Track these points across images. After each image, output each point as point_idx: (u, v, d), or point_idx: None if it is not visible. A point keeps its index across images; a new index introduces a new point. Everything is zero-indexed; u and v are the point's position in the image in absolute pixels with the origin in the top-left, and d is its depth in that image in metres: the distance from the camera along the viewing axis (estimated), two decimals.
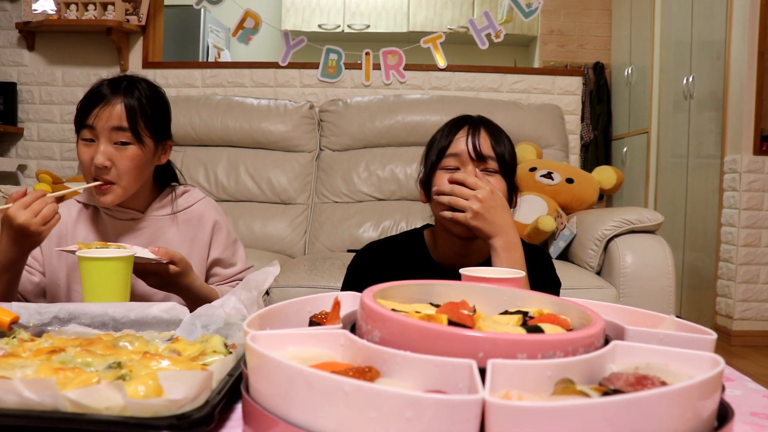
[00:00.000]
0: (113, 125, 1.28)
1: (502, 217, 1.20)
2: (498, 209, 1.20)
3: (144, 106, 1.31)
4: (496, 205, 1.19)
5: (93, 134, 1.28)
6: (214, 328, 0.85)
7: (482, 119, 1.33)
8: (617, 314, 0.75)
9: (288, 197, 3.02)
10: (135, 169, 1.31)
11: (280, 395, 0.52)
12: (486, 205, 1.18)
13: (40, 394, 0.55)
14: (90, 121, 1.27)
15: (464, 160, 1.27)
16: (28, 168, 3.67)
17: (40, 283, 1.37)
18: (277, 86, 3.55)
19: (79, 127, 1.30)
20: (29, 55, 3.66)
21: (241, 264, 1.49)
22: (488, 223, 1.19)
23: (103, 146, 1.27)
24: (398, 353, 0.54)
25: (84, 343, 0.76)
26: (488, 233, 1.20)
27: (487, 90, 3.52)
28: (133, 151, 1.30)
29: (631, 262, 2.23)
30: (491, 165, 1.26)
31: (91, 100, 1.29)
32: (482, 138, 1.27)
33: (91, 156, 1.28)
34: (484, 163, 1.26)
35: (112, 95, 1.29)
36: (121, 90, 1.30)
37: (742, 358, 3.16)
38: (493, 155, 1.26)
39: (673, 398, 0.47)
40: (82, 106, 1.30)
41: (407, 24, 5.90)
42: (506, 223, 1.20)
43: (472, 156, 1.26)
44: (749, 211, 3.39)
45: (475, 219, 1.19)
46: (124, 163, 1.29)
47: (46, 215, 1.12)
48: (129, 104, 1.29)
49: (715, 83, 3.65)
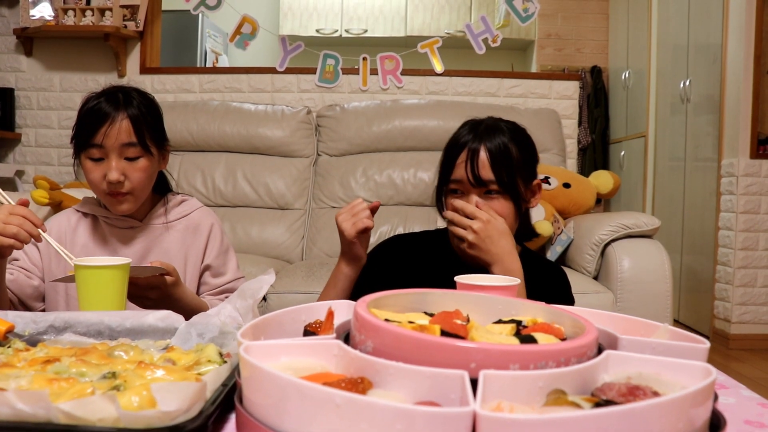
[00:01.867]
0: (123, 142, 1.29)
1: (499, 245, 1.21)
2: (494, 238, 1.21)
3: (145, 116, 1.33)
4: (491, 234, 1.21)
5: (102, 153, 1.29)
6: (209, 336, 0.85)
7: (486, 130, 1.30)
8: (611, 322, 0.75)
9: (285, 202, 3.03)
10: (146, 179, 1.35)
11: (273, 406, 0.52)
12: (481, 235, 1.21)
13: (33, 406, 0.55)
14: (98, 140, 1.28)
15: (466, 187, 1.28)
16: (26, 173, 3.67)
17: (39, 287, 1.38)
18: (274, 91, 3.55)
19: (84, 146, 1.30)
20: (27, 60, 3.67)
21: (231, 274, 1.49)
22: (484, 252, 1.21)
23: (115, 162, 1.29)
24: (390, 364, 0.54)
25: (79, 353, 0.77)
26: (485, 261, 1.22)
27: (484, 95, 3.52)
28: (144, 163, 1.33)
29: (628, 266, 2.23)
30: (492, 187, 1.26)
31: (95, 118, 1.29)
32: (481, 161, 1.26)
33: (102, 174, 1.30)
34: (485, 187, 1.26)
35: (116, 111, 1.29)
36: (121, 104, 1.31)
37: (739, 361, 3.17)
38: (493, 178, 1.25)
39: (664, 409, 0.47)
40: (84, 125, 1.30)
41: (405, 28, 5.92)
42: (503, 251, 1.21)
43: (472, 183, 1.26)
44: (746, 214, 3.39)
45: (471, 248, 1.22)
46: (137, 175, 1.32)
47: (6, 229, 1.09)
48: (133, 117, 1.31)
49: (711, 87, 3.66)
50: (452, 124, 3.03)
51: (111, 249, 1.39)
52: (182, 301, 1.26)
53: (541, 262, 1.40)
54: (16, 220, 1.10)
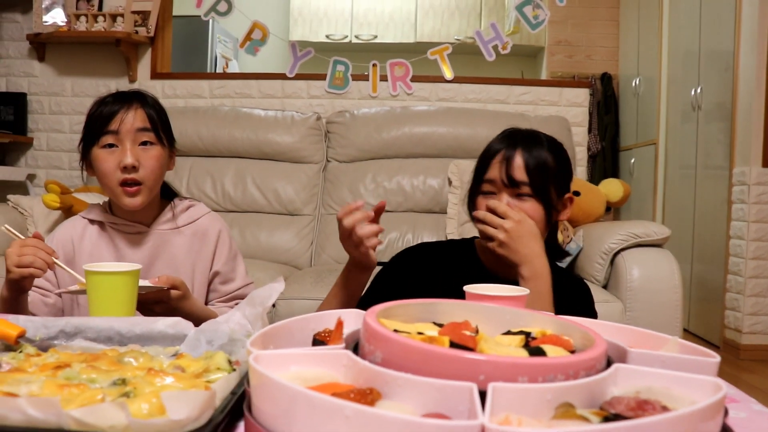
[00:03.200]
0: (138, 126, 1.33)
1: (529, 246, 1.21)
2: (524, 238, 1.21)
3: (157, 112, 1.38)
4: (522, 234, 1.21)
5: (116, 139, 1.32)
6: (218, 343, 0.86)
7: (524, 138, 1.31)
8: (620, 335, 0.74)
9: (295, 208, 3.03)
10: (159, 168, 1.37)
11: (282, 416, 0.52)
12: (512, 234, 1.21)
13: (44, 412, 0.56)
14: (114, 126, 1.31)
15: (499, 187, 1.28)
16: (37, 177, 3.70)
17: (55, 304, 1.38)
18: (284, 97, 3.56)
19: (98, 135, 1.32)
20: (39, 66, 3.70)
21: (240, 280, 1.49)
22: (513, 252, 1.22)
23: (130, 146, 1.32)
24: (399, 375, 0.54)
25: (89, 359, 0.77)
26: (514, 261, 1.23)
27: (494, 102, 3.52)
28: (157, 150, 1.36)
29: (638, 275, 2.22)
30: (525, 190, 1.27)
31: (109, 109, 1.33)
32: (516, 163, 1.26)
33: (116, 161, 1.32)
34: (517, 188, 1.27)
35: (129, 101, 1.35)
36: (134, 98, 1.36)
37: (750, 372, 3.14)
38: (527, 180, 1.26)
39: (674, 424, 0.47)
40: (98, 115, 1.33)
41: (414, 34, 5.93)
42: (532, 252, 1.22)
43: (505, 182, 1.27)
44: (758, 223, 3.37)
45: (501, 248, 1.22)
46: (151, 162, 1.34)
47: (23, 262, 1.13)
48: (147, 108, 1.36)
49: (723, 94, 3.64)
50: (462, 130, 3.07)
51: (118, 255, 1.40)
52: (191, 315, 1.26)
53: (564, 275, 1.40)
54: (30, 251, 1.14)
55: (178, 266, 1.41)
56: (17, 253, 1.14)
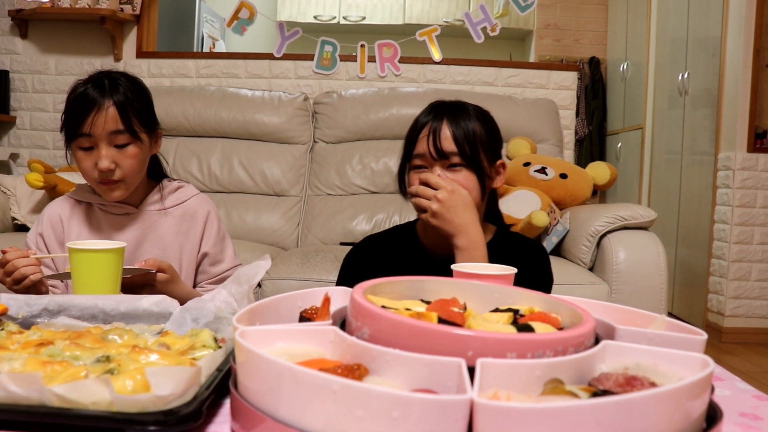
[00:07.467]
0: (111, 129, 1.28)
1: (463, 216, 1.21)
2: (458, 208, 1.21)
3: (132, 102, 1.31)
4: (455, 204, 1.21)
5: (91, 141, 1.29)
6: (204, 321, 0.85)
7: (450, 109, 1.31)
8: (608, 313, 0.75)
9: (281, 189, 3.01)
10: (138, 165, 1.34)
11: (268, 392, 0.51)
12: (446, 204, 1.21)
13: (26, 388, 0.55)
14: (86, 129, 1.27)
15: (429, 160, 1.28)
16: (20, 157, 3.65)
17: (63, 292, 1.37)
18: (271, 77, 3.53)
19: (74, 135, 1.29)
20: (22, 43, 3.63)
21: (229, 262, 1.48)
22: (447, 222, 1.21)
23: (105, 150, 1.29)
24: (387, 351, 0.53)
25: (73, 336, 0.76)
26: (448, 232, 1.22)
27: (482, 84, 3.51)
28: (133, 150, 1.32)
29: (624, 258, 2.24)
30: (455, 160, 1.26)
31: (82, 107, 1.28)
32: (443, 134, 1.26)
33: (93, 163, 1.30)
34: (447, 160, 1.26)
35: (102, 98, 1.28)
36: (107, 90, 1.29)
37: (732, 355, 3.18)
38: (455, 150, 1.25)
39: (662, 400, 0.47)
40: (72, 114, 1.29)
41: (403, 16, 5.88)
42: (467, 222, 1.21)
43: (434, 156, 1.26)
44: (742, 208, 3.40)
45: (434, 218, 1.22)
46: (128, 162, 1.31)
47: (17, 277, 1.13)
48: (120, 104, 1.29)
49: (710, 80, 3.65)
50: None
51: (106, 235, 1.38)
52: (178, 299, 1.25)
53: (520, 240, 1.40)
54: (11, 266, 1.13)
55: (166, 247, 1.40)
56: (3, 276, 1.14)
